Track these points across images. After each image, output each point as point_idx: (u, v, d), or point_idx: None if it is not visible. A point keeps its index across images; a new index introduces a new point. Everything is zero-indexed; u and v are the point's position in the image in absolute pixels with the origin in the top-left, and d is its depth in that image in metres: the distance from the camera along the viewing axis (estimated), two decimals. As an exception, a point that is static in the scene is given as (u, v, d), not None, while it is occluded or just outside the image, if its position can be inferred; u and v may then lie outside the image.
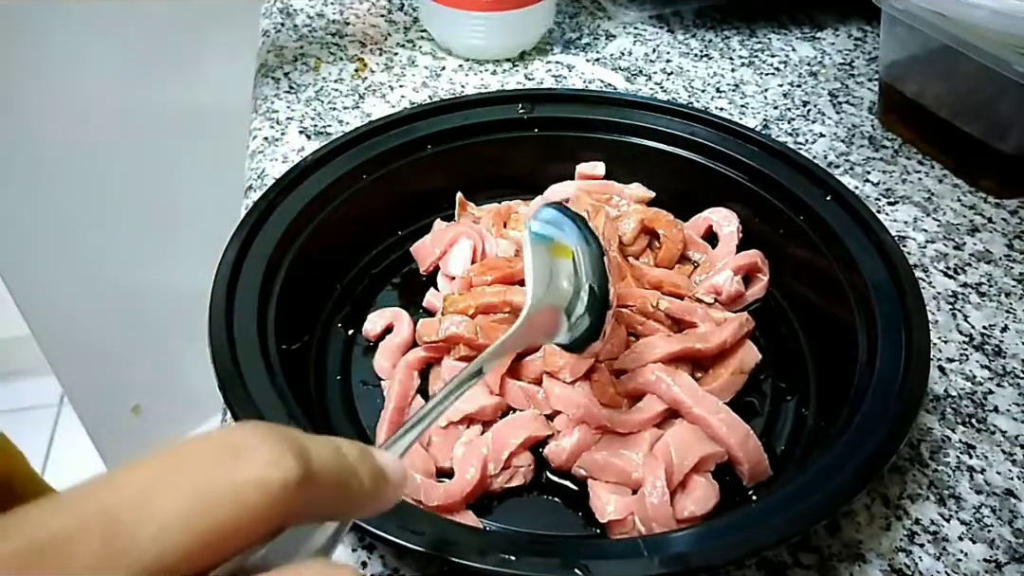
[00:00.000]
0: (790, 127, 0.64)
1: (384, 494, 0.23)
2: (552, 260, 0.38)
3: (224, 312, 0.40)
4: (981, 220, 0.56)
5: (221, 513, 0.18)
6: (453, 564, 0.30)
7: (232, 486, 0.18)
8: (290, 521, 0.20)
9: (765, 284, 0.49)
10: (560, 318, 0.37)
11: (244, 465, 0.19)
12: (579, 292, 0.37)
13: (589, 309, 0.37)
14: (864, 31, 0.77)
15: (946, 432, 0.43)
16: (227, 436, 0.19)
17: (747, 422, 0.40)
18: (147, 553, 0.17)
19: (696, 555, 0.31)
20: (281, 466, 0.19)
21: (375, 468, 0.23)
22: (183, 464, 0.19)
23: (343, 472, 0.21)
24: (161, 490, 0.18)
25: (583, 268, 0.38)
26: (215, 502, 0.18)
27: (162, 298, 1.06)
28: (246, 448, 0.19)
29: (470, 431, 0.41)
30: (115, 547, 0.17)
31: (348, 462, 0.22)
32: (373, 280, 0.51)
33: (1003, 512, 0.39)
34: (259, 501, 0.18)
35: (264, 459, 0.19)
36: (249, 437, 0.19)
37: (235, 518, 0.18)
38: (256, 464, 0.19)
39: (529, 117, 0.54)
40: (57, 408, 1.52)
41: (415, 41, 0.74)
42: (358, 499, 0.22)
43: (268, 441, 0.19)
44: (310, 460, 0.20)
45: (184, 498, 0.18)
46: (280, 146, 0.60)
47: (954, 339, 0.48)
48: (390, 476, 0.24)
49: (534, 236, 0.39)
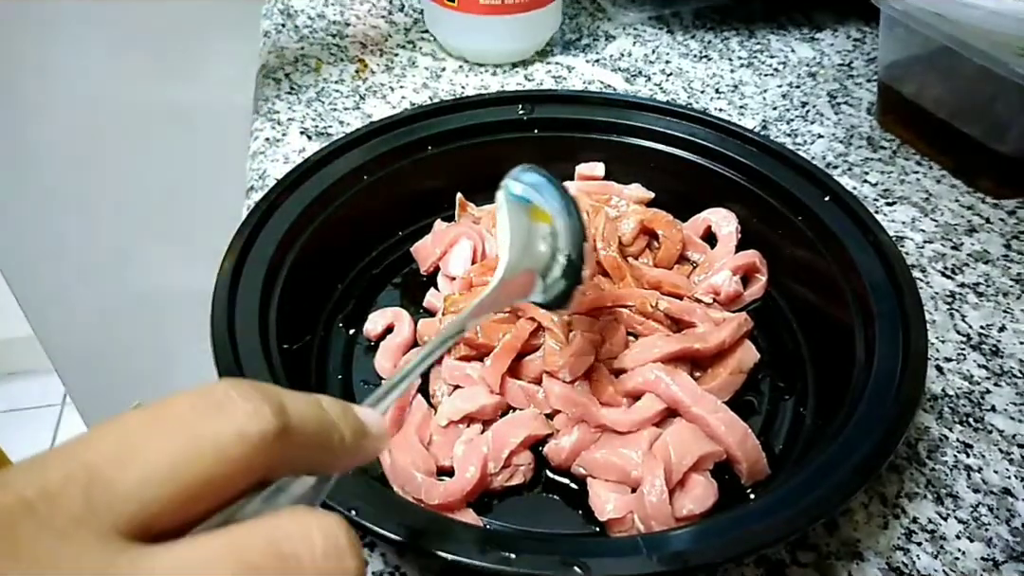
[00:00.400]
0: (789, 128, 0.64)
1: (365, 448, 0.24)
2: (530, 223, 0.38)
3: (226, 312, 0.40)
4: (979, 220, 0.56)
5: (202, 464, 0.18)
6: (453, 562, 0.30)
7: (213, 438, 0.19)
8: (272, 473, 0.20)
9: (763, 284, 0.49)
10: (535, 280, 0.37)
11: (224, 418, 0.19)
12: (555, 256, 0.37)
13: (565, 274, 0.37)
14: (863, 32, 0.78)
15: (944, 431, 0.43)
16: (208, 391, 0.20)
17: (745, 421, 0.40)
18: (130, 504, 0.18)
19: (695, 553, 0.31)
20: (260, 418, 0.19)
21: (356, 423, 0.24)
22: (165, 418, 0.19)
23: (323, 425, 0.22)
24: (143, 443, 0.18)
25: (562, 237, 0.37)
26: (196, 454, 0.19)
27: (164, 298, 1.06)
28: (226, 402, 0.19)
29: (470, 430, 0.41)
30: (98, 499, 0.17)
31: (328, 416, 0.22)
32: (374, 280, 0.51)
33: (1000, 511, 0.39)
34: (240, 452, 0.19)
35: (244, 412, 0.19)
36: (230, 391, 0.20)
37: (216, 469, 0.19)
38: (236, 417, 0.19)
39: (529, 118, 0.54)
40: (60, 408, 1.52)
41: (415, 42, 0.74)
42: (339, 452, 0.23)
43: (248, 395, 0.20)
44: (288, 414, 0.20)
45: (166, 450, 0.18)
46: (281, 147, 0.61)
47: (952, 339, 0.48)
48: (371, 430, 0.24)
49: (513, 197, 0.39)
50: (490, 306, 0.36)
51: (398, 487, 0.39)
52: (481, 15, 0.66)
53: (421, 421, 0.42)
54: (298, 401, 0.21)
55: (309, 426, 0.21)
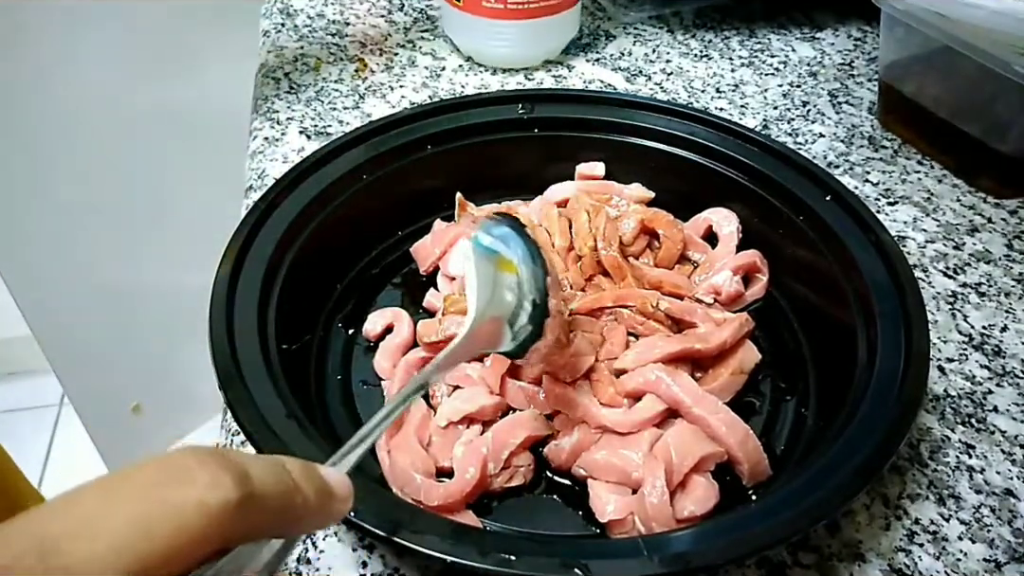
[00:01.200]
0: (790, 127, 0.64)
1: (329, 509, 0.24)
2: (497, 273, 0.39)
3: (225, 312, 0.40)
4: (980, 220, 0.56)
5: (163, 536, 0.18)
6: (453, 564, 0.30)
7: (173, 509, 0.19)
8: (233, 541, 0.20)
9: (764, 284, 0.49)
10: (503, 328, 0.38)
11: (184, 488, 0.19)
12: (522, 304, 0.38)
13: (531, 319, 0.38)
14: (864, 31, 0.77)
15: (946, 432, 0.43)
16: (167, 461, 0.20)
17: (747, 422, 0.40)
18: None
19: (696, 554, 0.31)
20: (221, 488, 0.19)
21: (320, 484, 0.23)
22: (123, 490, 0.19)
23: (285, 490, 0.22)
24: (102, 516, 0.18)
25: (527, 284, 0.38)
26: (156, 526, 0.18)
27: (163, 298, 1.06)
28: (186, 472, 0.19)
29: (470, 431, 0.41)
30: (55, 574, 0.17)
31: (290, 480, 0.22)
32: (373, 280, 0.51)
33: (1002, 512, 0.39)
34: (200, 523, 0.19)
35: (204, 482, 0.19)
36: (189, 460, 0.20)
37: (177, 540, 0.18)
38: (196, 487, 0.19)
39: (529, 117, 0.54)
40: (57, 408, 1.52)
41: (415, 41, 0.74)
42: (302, 515, 0.23)
43: (207, 464, 0.20)
44: (250, 480, 0.20)
45: (125, 523, 0.18)
46: (280, 146, 0.61)
47: (953, 339, 0.48)
48: (335, 491, 0.24)
49: (482, 248, 0.39)
50: (460, 356, 0.36)
51: (397, 488, 0.38)
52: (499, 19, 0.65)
53: (420, 422, 0.41)
54: (260, 466, 0.21)
55: (271, 491, 0.21)
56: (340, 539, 0.37)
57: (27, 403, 1.52)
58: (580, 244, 0.49)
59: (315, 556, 0.37)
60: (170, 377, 1.18)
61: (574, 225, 0.50)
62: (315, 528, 0.24)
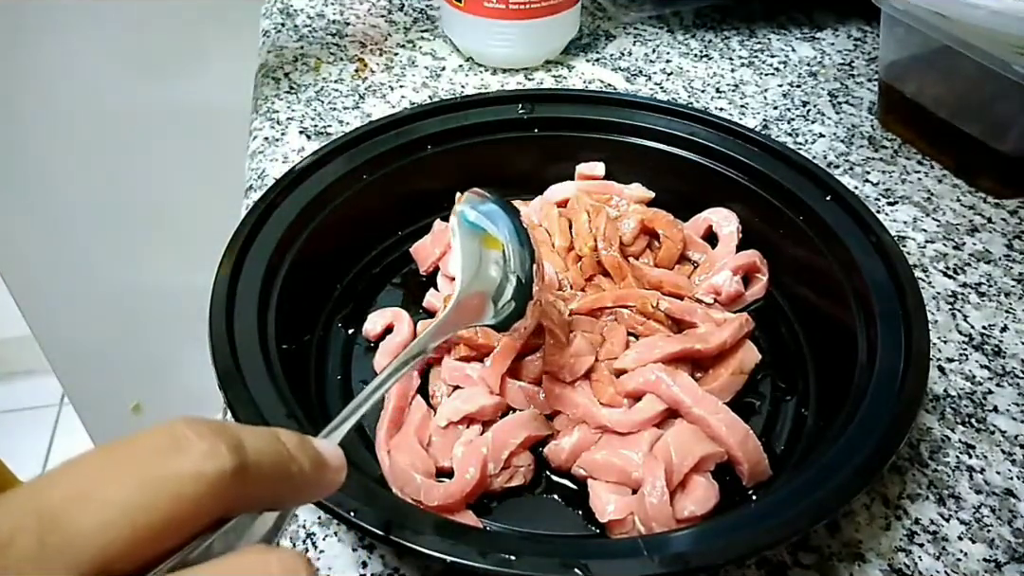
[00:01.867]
0: (790, 127, 0.64)
1: (324, 479, 0.24)
2: (482, 249, 0.40)
3: (224, 312, 0.40)
4: (980, 220, 0.56)
5: (159, 507, 0.18)
6: (453, 564, 0.30)
7: (169, 479, 0.19)
8: (230, 511, 0.20)
9: (765, 284, 0.49)
10: (487, 303, 0.38)
11: (181, 458, 0.19)
12: (507, 280, 0.39)
13: (515, 296, 0.38)
14: (864, 31, 0.77)
15: (946, 432, 0.43)
16: (162, 431, 0.20)
17: (747, 422, 0.40)
18: (87, 549, 0.17)
19: (696, 554, 0.31)
20: (217, 457, 0.19)
21: (314, 455, 0.24)
22: (120, 460, 0.19)
23: (280, 460, 0.22)
24: (99, 486, 0.18)
25: (513, 262, 0.39)
26: (153, 496, 0.18)
27: (162, 298, 1.06)
28: (182, 442, 0.19)
29: (470, 431, 0.41)
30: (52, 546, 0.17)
31: (286, 450, 0.22)
32: (373, 280, 0.51)
33: (1003, 512, 0.39)
34: (196, 492, 0.19)
35: (200, 451, 0.19)
36: (185, 431, 0.20)
37: (174, 511, 0.19)
38: (192, 457, 0.19)
39: (529, 117, 0.54)
40: (57, 408, 1.52)
41: (415, 41, 0.74)
42: (298, 486, 0.23)
43: (203, 434, 0.20)
44: (245, 451, 0.20)
45: (122, 493, 0.18)
46: (280, 146, 0.61)
47: (953, 339, 0.48)
48: (329, 462, 0.24)
49: (467, 223, 0.40)
50: (447, 328, 0.37)
51: (397, 488, 0.38)
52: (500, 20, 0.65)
53: (420, 422, 0.41)
54: (255, 436, 0.21)
55: (266, 460, 0.21)
56: (340, 539, 0.37)
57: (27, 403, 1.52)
58: (580, 244, 0.49)
59: (315, 556, 0.37)
60: (170, 377, 1.18)
61: (574, 225, 0.50)
62: (311, 499, 0.24)
